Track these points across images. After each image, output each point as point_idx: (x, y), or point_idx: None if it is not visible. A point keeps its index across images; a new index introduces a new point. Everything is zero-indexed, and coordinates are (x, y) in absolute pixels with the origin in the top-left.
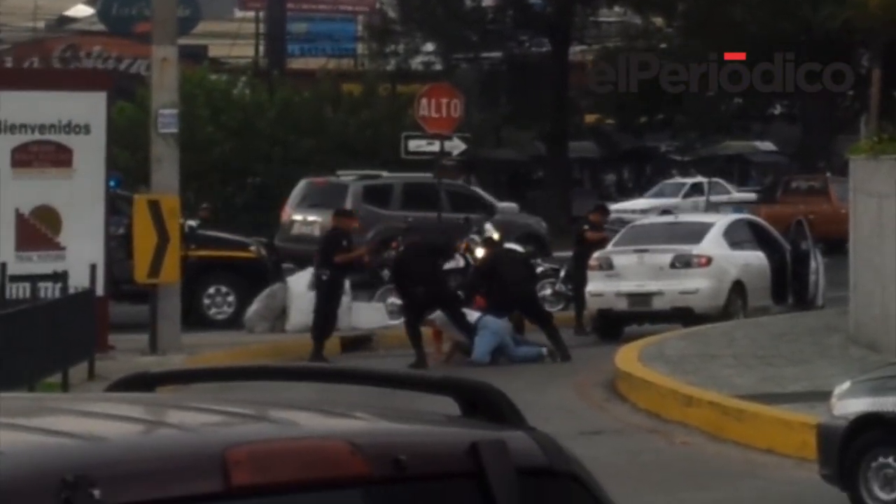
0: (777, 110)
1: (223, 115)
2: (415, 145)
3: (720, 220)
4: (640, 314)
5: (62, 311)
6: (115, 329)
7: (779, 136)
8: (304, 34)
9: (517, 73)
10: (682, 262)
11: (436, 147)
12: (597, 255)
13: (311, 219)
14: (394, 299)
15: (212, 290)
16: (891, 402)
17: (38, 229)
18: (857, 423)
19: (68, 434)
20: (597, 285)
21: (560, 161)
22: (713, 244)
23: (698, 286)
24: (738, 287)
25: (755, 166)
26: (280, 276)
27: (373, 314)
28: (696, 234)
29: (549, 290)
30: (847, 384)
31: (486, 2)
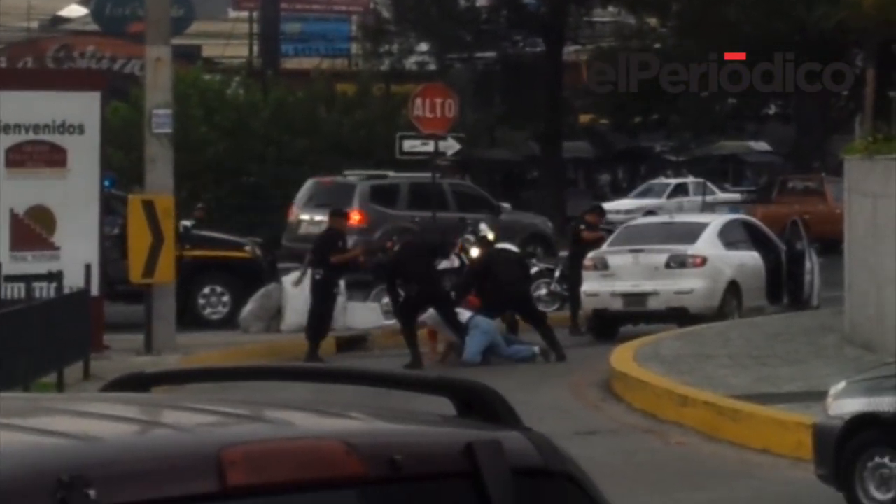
0: (772, 110)
1: (217, 115)
2: (409, 145)
3: (715, 221)
4: (636, 314)
5: (57, 311)
6: (110, 329)
7: (773, 136)
8: (298, 34)
9: (511, 73)
10: (678, 263)
11: (430, 147)
12: (592, 255)
13: (318, 218)
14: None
15: (207, 290)
16: (886, 402)
17: (32, 229)
18: (852, 423)
19: (64, 434)
20: (592, 285)
21: (554, 161)
22: (708, 244)
23: (693, 286)
24: (734, 287)
25: (750, 166)
26: (275, 277)
27: (368, 314)
28: (691, 234)
29: (544, 290)
30: (842, 384)
31: (480, 2)
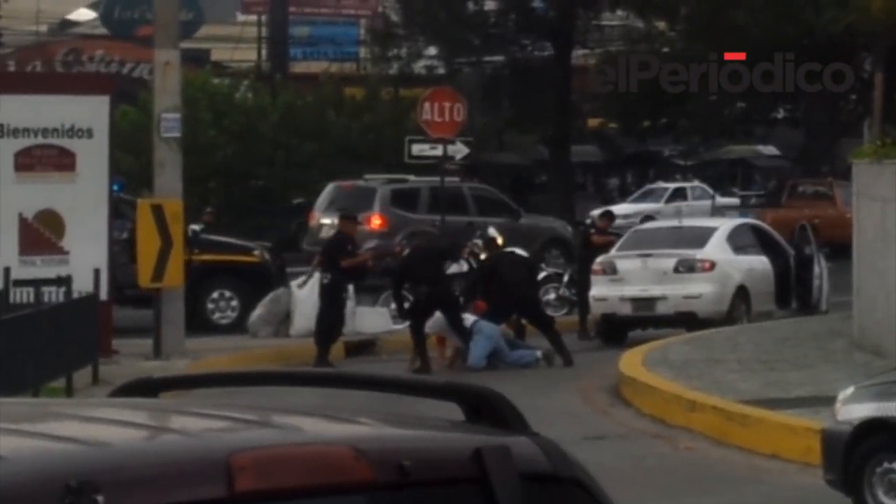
0: (780, 114)
1: (226, 118)
2: (418, 149)
3: (724, 225)
4: (644, 319)
5: (66, 315)
6: (119, 333)
7: (782, 140)
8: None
9: (520, 76)
10: (686, 267)
11: (439, 151)
12: (600, 259)
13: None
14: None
15: (215, 295)
16: (895, 407)
17: (41, 233)
18: (861, 428)
19: (72, 439)
20: (601, 290)
21: (563, 165)
22: (717, 249)
23: (702, 291)
24: (742, 292)
25: (758, 170)
26: (284, 281)
27: (377, 319)
28: (700, 238)
29: (552, 295)
30: (851, 389)
31: (489, 5)
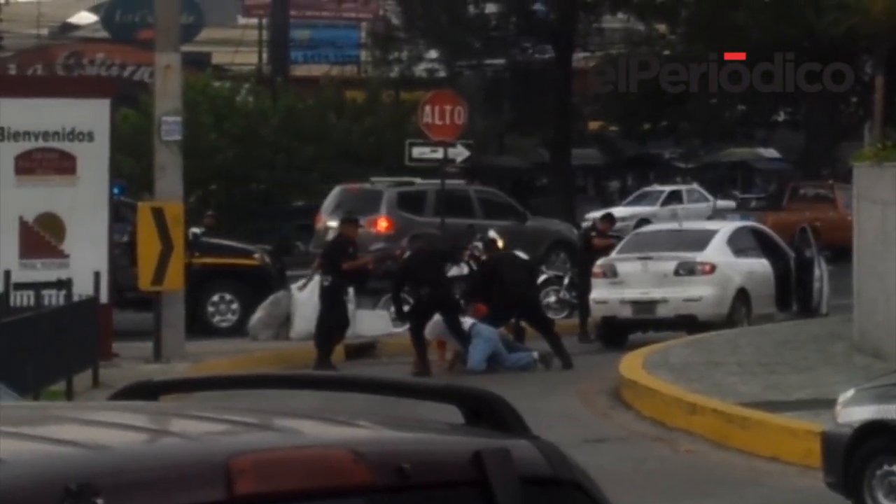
0: (781, 117)
1: (226, 122)
2: (418, 152)
3: (724, 228)
4: (645, 322)
5: (66, 318)
6: (119, 337)
7: (782, 143)
8: (308, 41)
9: (520, 79)
10: (686, 270)
11: (439, 154)
12: (601, 262)
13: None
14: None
15: (216, 298)
16: (895, 410)
17: (41, 237)
18: (861, 430)
19: (72, 443)
20: (601, 293)
21: (563, 168)
22: (717, 252)
23: (702, 294)
24: (742, 294)
25: (759, 173)
26: (284, 284)
27: (377, 322)
28: (700, 241)
29: (553, 298)
30: (851, 392)
31: (490, 9)
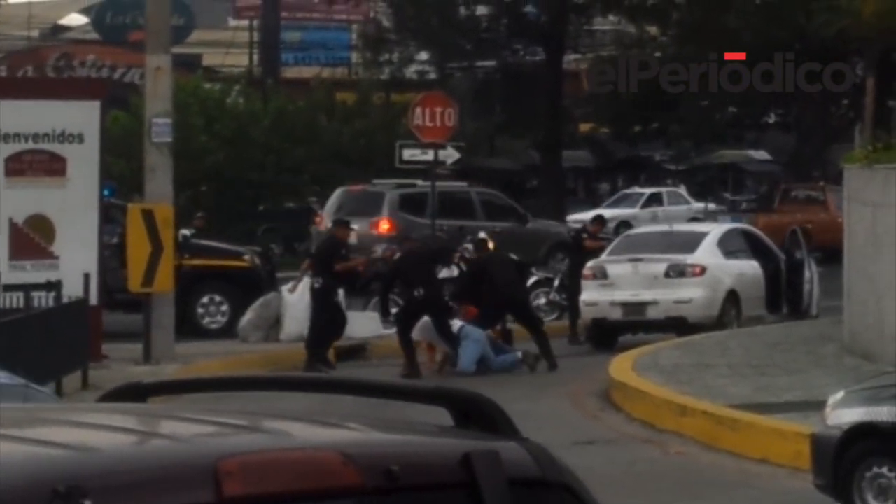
0: (772, 119)
1: (217, 123)
2: (409, 154)
3: (714, 230)
4: (635, 323)
5: (56, 320)
6: (109, 338)
7: (773, 145)
8: (298, 43)
9: (511, 81)
10: (677, 272)
11: (430, 156)
12: (591, 264)
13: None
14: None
15: (205, 300)
16: (885, 412)
17: (31, 238)
18: (851, 432)
19: (60, 444)
20: (591, 294)
21: (554, 170)
22: (707, 253)
23: (692, 296)
24: (733, 296)
25: (749, 175)
26: (274, 286)
27: (367, 323)
28: (691, 243)
29: (542, 300)
30: (841, 394)
31: (481, 10)
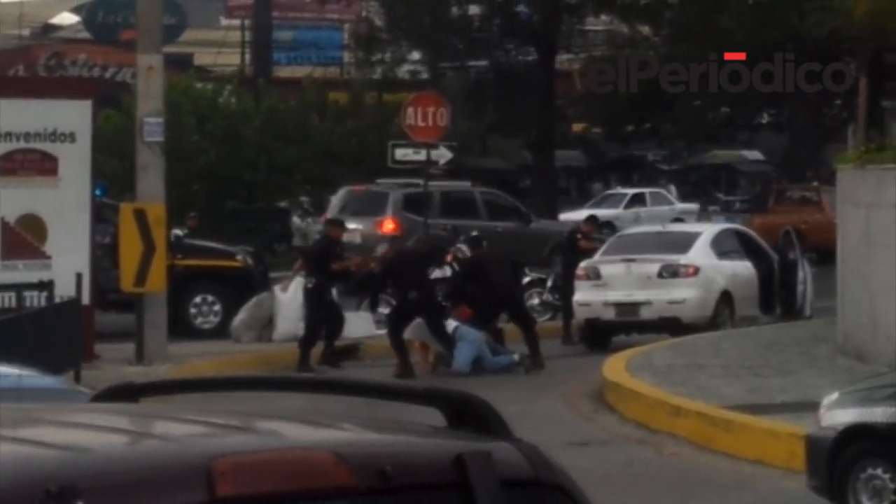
0: (765, 119)
1: (209, 123)
2: (401, 154)
3: (707, 230)
4: (628, 324)
5: (48, 320)
6: (102, 338)
7: (766, 145)
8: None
9: (503, 81)
10: (670, 272)
11: (422, 156)
12: (584, 264)
13: (352, 226)
14: (381, 309)
15: (198, 300)
16: (879, 413)
17: (23, 238)
18: (845, 433)
19: (52, 445)
20: (584, 295)
21: (546, 170)
22: (700, 254)
23: (686, 296)
24: (726, 297)
25: (742, 175)
26: (266, 286)
27: (360, 323)
28: (684, 243)
29: (536, 300)
30: (835, 395)
31: (473, 10)
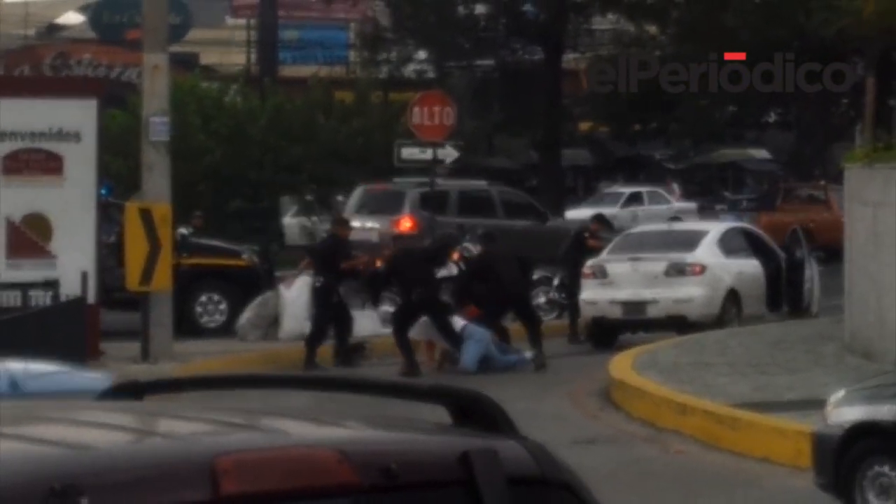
0: (771, 118)
1: (214, 122)
2: (408, 153)
3: (715, 228)
4: (635, 322)
5: (53, 318)
6: (107, 337)
7: (773, 144)
8: (296, 42)
9: (510, 80)
10: (677, 270)
11: (428, 155)
12: (591, 262)
13: (369, 225)
14: (387, 307)
15: (204, 298)
16: (886, 411)
17: (28, 237)
18: (852, 431)
19: (57, 443)
20: (591, 293)
21: (553, 169)
22: (707, 252)
23: (692, 294)
24: (733, 295)
25: (749, 174)
26: (272, 284)
27: (366, 322)
28: (691, 241)
29: (542, 299)
30: (842, 392)
31: (479, 9)
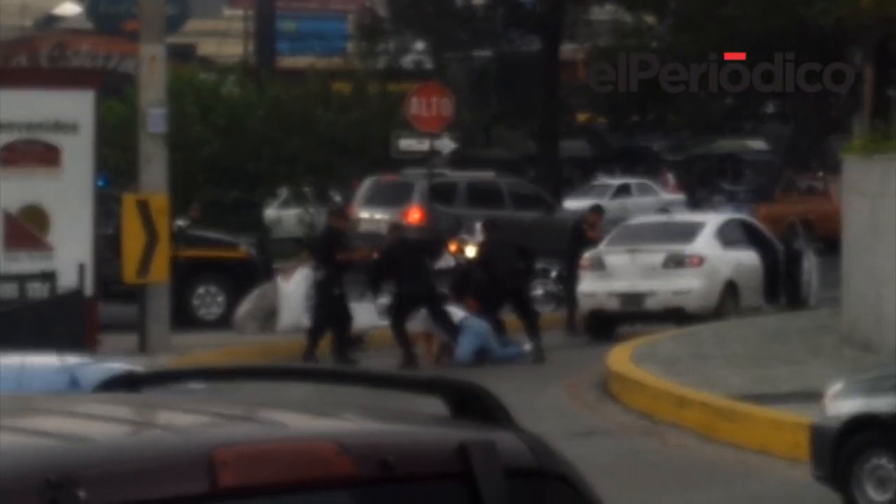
0: (770, 109)
1: (212, 113)
2: (405, 144)
3: (713, 220)
4: (632, 314)
5: (51, 311)
6: (104, 329)
7: (771, 135)
8: (294, 32)
9: (508, 71)
10: (675, 262)
11: (426, 146)
12: (588, 254)
13: (378, 216)
14: (385, 299)
15: (201, 291)
16: (884, 403)
17: (25, 229)
18: (850, 423)
19: (53, 435)
20: (589, 285)
21: (551, 160)
22: (705, 244)
23: (690, 286)
24: (731, 287)
25: (748, 165)
26: (270, 276)
27: (364, 314)
28: (689, 233)
29: (540, 290)
30: (840, 385)
31: (477, 0)
